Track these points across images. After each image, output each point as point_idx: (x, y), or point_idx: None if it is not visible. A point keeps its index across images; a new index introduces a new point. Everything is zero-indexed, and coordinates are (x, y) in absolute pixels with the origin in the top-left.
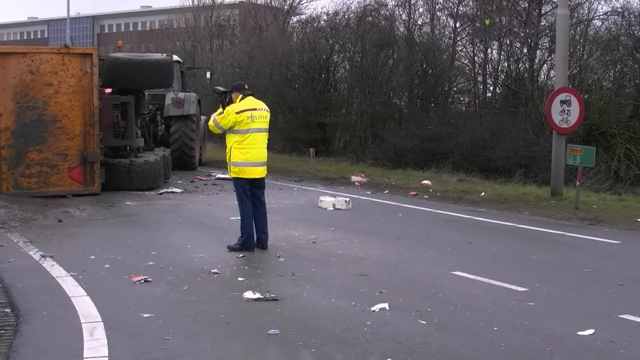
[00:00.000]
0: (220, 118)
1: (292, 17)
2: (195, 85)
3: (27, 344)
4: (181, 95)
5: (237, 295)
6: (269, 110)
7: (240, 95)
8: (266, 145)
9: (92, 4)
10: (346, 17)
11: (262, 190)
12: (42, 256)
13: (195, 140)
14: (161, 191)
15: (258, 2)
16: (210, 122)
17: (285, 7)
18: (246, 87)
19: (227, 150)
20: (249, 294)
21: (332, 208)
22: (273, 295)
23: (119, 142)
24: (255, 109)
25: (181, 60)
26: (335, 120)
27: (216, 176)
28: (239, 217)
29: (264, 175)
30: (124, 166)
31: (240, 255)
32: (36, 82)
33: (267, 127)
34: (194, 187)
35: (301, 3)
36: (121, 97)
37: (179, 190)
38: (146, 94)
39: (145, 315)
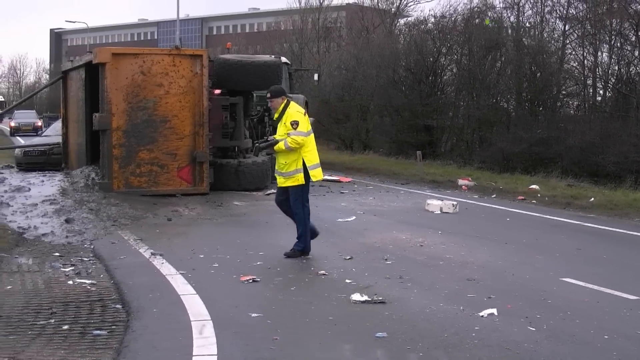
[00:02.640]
0: (300, 125)
1: (399, 19)
2: (302, 87)
3: (138, 340)
4: (290, 96)
5: (344, 297)
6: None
7: (286, 99)
8: None
9: (201, 6)
10: (453, 19)
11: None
12: (152, 254)
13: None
14: (268, 192)
15: (365, 5)
16: (291, 141)
17: (393, 9)
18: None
19: (293, 159)
20: (356, 296)
21: (439, 211)
22: (381, 298)
23: (228, 143)
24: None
25: (289, 62)
26: (441, 123)
27: (323, 178)
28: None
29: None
30: (232, 167)
31: (348, 257)
32: (147, 82)
33: None
34: None
35: (408, 5)
36: (230, 98)
37: None
38: (254, 95)
39: (254, 314)
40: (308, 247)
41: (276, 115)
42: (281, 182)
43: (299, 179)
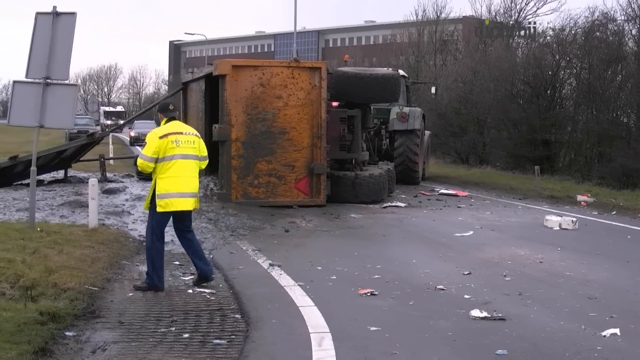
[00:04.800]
0: (145, 147)
1: (517, 32)
2: (419, 99)
3: (257, 350)
4: (406, 109)
5: (463, 312)
6: (199, 135)
7: (165, 119)
8: (196, 174)
9: (317, 19)
10: (573, 32)
11: (188, 220)
12: (271, 265)
13: (419, 155)
14: (385, 205)
15: (482, 17)
16: (139, 160)
17: (510, 22)
18: (171, 107)
19: (151, 185)
20: (475, 312)
21: (558, 227)
22: (500, 315)
23: (345, 155)
24: (181, 133)
25: (406, 75)
26: (560, 138)
27: (439, 191)
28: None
29: (192, 208)
30: (349, 179)
31: (466, 273)
32: (266, 94)
33: (198, 154)
34: (418, 201)
35: (526, 18)
36: (348, 111)
37: (402, 205)
38: (371, 107)
39: (372, 328)
40: (159, 284)
41: None
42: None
43: (146, 204)
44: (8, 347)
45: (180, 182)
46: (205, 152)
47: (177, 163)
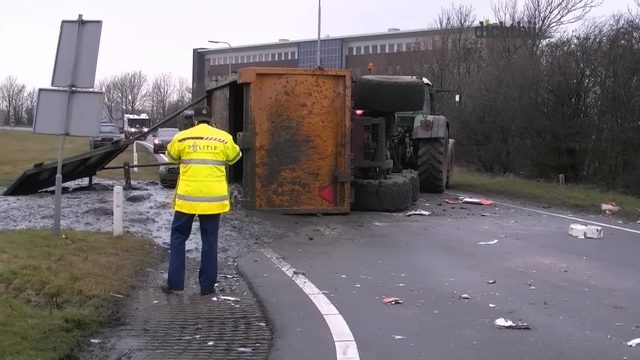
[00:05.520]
0: (169, 145)
1: (541, 40)
2: (442, 107)
3: (282, 359)
4: (430, 117)
5: (488, 321)
6: (224, 140)
7: (196, 122)
8: (217, 179)
9: (341, 27)
10: (597, 40)
11: (211, 226)
12: (295, 273)
13: (443, 163)
14: (409, 213)
15: (506, 25)
16: (167, 155)
17: (535, 30)
18: (204, 112)
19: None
20: (500, 321)
21: (583, 236)
22: (525, 324)
23: (369, 163)
24: (200, 138)
25: (430, 83)
26: (584, 146)
27: (463, 200)
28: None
29: (209, 213)
30: (373, 187)
31: (491, 281)
32: (291, 102)
33: (217, 158)
34: (442, 210)
35: (550, 26)
36: (372, 119)
37: (426, 213)
38: (395, 115)
39: (397, 337)
40: (174, 281)
41: None
42: None
43: (172, 203)
44: (34, 354)
45: (194, 186)
46: (232, 156)
47: (193, 167)
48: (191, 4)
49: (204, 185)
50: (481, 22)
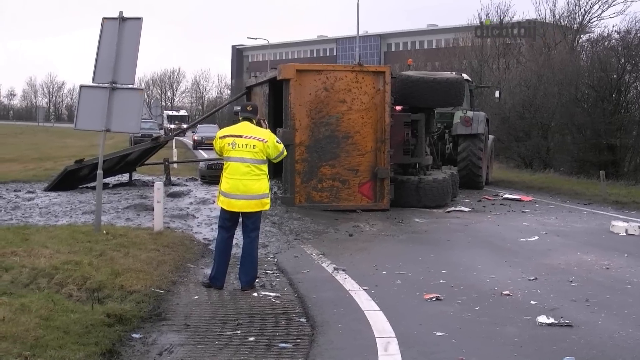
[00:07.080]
0: (214, 141)
1: (581, 36)
2: (482, 103)
3: (323, 355)
4: (470, 114)
5: (529, 318)
6: (264, 140)
7: (241, 118)
8: (255, 177)
9: (379, 23)
10: (639, 35)
11: (250, 222)
12: (335, 269)
13: (483, 160)
14: (449, 209)
15: (546, 21)
16: None
17: (575, 25)
18: (249, 108)
19: None
20: (542, 319)
21: (624, 233)
22: (567, 321)
23: (409, 160)
24: (240, 136)
25: (470, 79)
26: (625, 142)
27: (503, 196)
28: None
29: (248, 210)
30: (413, 183)
31: (532, 278)
32: (330, 98)
33: (256, 157)
34: (482, 206)
35: (591, 21)
36: (412, 115)
37: (466, 209)
38: (435, 112)
39: (438, 333)
40: (214, 281)
41: None
42: None
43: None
44: (76, 349)
45: (232, 183)
46: (273, 155)
47: (232, 165)
48: (230, 1)
49: (242, 183)
50: (481, 22)
